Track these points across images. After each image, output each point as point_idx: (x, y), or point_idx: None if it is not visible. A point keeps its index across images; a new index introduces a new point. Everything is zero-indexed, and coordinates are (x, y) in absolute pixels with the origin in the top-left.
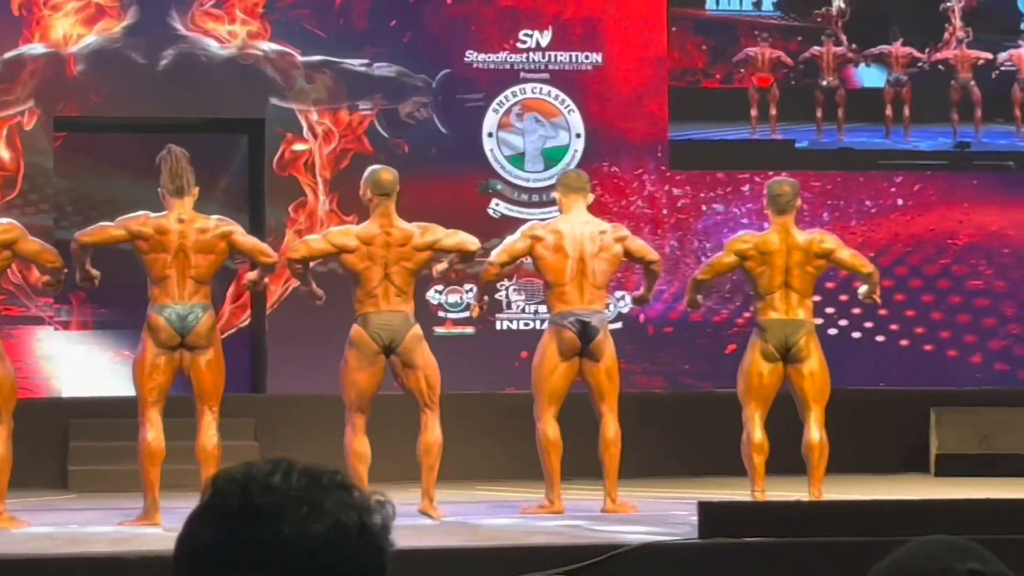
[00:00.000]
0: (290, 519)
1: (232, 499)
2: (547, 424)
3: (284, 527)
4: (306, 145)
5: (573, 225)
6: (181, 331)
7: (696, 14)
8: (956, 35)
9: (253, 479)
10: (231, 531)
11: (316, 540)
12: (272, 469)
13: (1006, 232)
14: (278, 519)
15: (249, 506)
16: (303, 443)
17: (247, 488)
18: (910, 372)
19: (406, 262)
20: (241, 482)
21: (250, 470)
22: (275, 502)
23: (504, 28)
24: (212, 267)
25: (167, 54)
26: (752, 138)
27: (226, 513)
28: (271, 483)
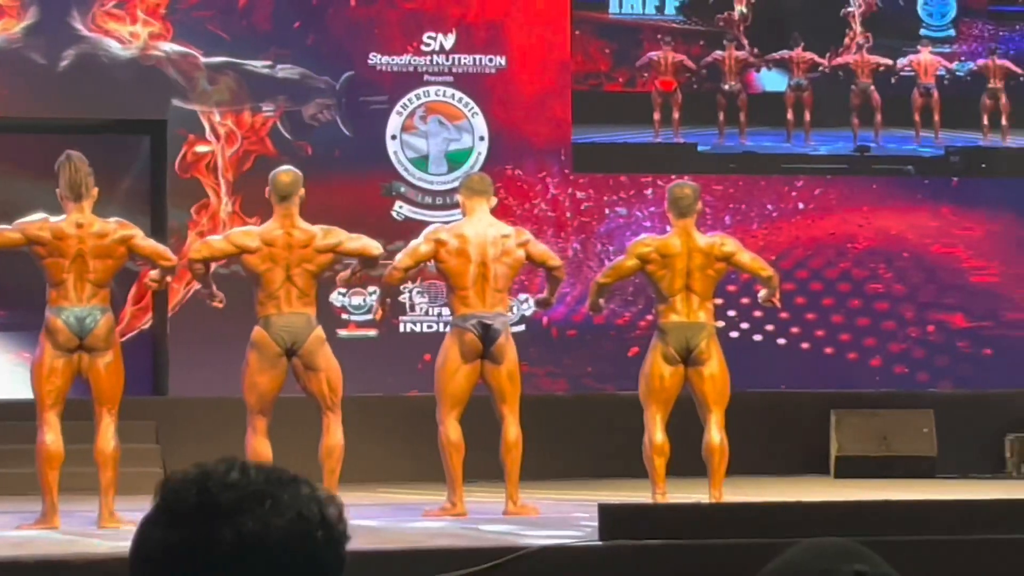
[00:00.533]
0: (252, 514)
1: (190, 498)
2: (449, 426)
3: (247, 522)
4: (208, 147)
5: (476, 228)
6: (79, 334)
7: (599, 17)
8: (856, 40)
9: (210, 477)
10: (191, 530)
11: (279, 534)
12: (228, 467)
13: (905, 236)
14: (239, 515)
15: (208, 504)
16: (205, 446)
17: (205, 486)
18: (811, 375)
19: (308, 264)
20: (198, 480)
21: (205, 468)
22: (235, 498)
23: (408, 31)
24: (111, 271)
25: (68, 54)
26: (655, 141)
27: (185, 512)
28: (229, 480)
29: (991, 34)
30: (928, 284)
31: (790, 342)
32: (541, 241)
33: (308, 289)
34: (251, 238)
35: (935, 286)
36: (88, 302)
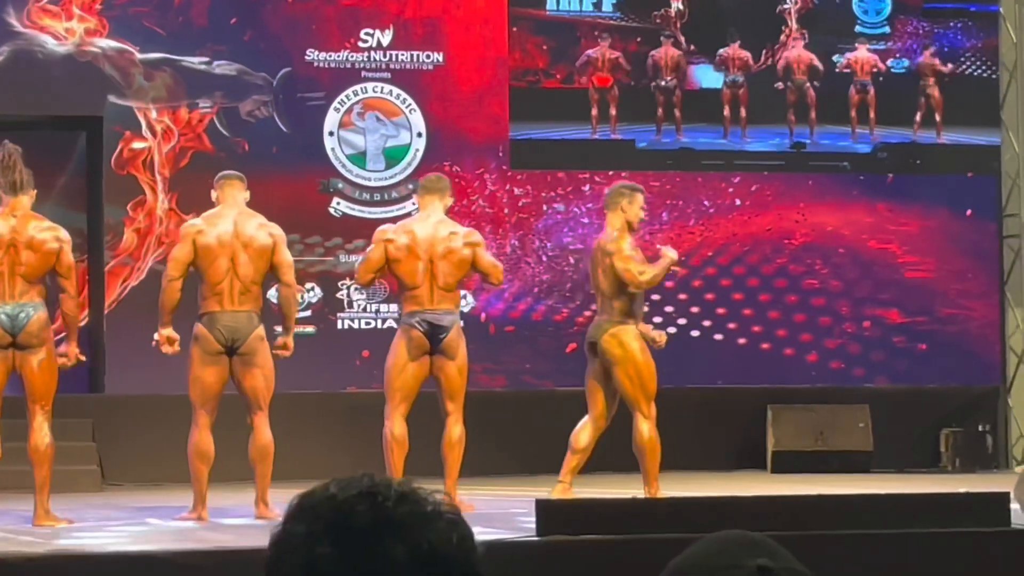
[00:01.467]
0: (428, 530)
1: (364, 512)
2: (395, 423)
3: (423, 539)
4: (145, 143)
5: (425, 227)
6: (11, 330)
7: (537, 14)
8: (792, 37)
9: (379, 491)
10: (365, 547)
11: (450, 550)
12: (386, 480)
13: (841, 232)
14: (415, 532)
15: (385, 519)
16: (142, 443)
17: (377, 499)
18: (747, 370)
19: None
20: (369, 494)
21: (363, 482)
22: (411, 512)
23: (345, 27)
24: (43, 266)
25: (2, 51)
26: (593, 138)
27: (359, 527)
28: (403, 493)
29: (926, 31)
30: (864, 280)
31: (727, 338)
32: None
33: (252, 285)
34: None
35: (871, 282)
36: (20, 298)
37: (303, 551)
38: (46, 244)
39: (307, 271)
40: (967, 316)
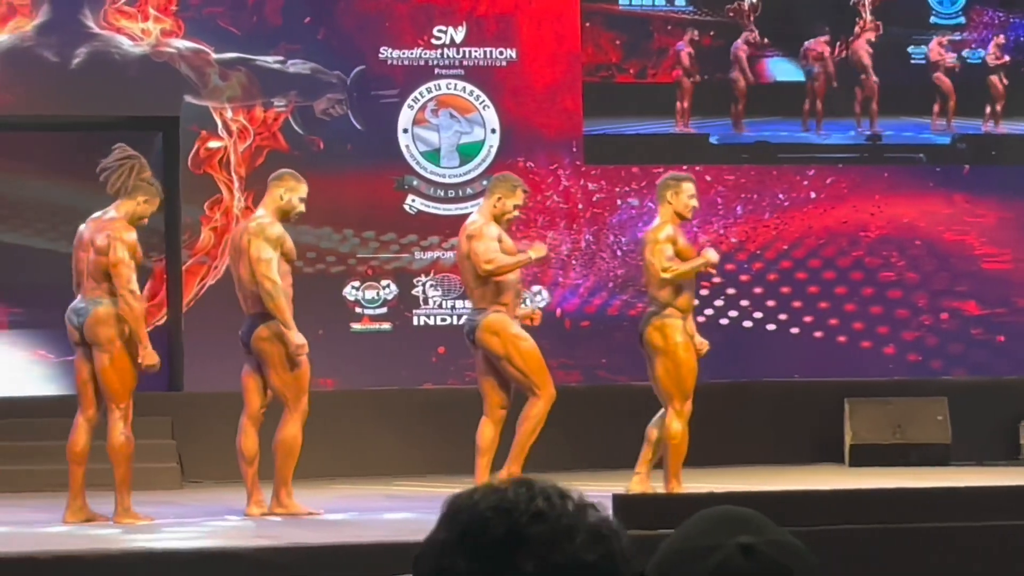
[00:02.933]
0: (561, 549)
1: (497, 529)
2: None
3: (554, 557)
4: (221, 142)
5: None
6: (79, 327)
7: (609, 9)
8: (866, 29)
9: (516, 507)
10: (495, 562)
11: (586, 570)
12: (529, 492)
13: (917, 224)
14: (547, 549)
15: (515, 536)
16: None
17: (512, 517)
18: (824, 363)
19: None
20: (503, 511)
21: (507, 496)
22: (545, 530)
23: (418, 24)
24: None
25: (80, 52)
26: (666, 132)
27: (490, 543)
28: (538, 509)
29: (1001, 21)
30: (941, 272)
31: (803, 331)
32: (555, 232)
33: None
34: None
35: (948, 274)
36: (87, 295)
37: (437, 558)
38: (97, 241)
39: (383, 268)
40: None
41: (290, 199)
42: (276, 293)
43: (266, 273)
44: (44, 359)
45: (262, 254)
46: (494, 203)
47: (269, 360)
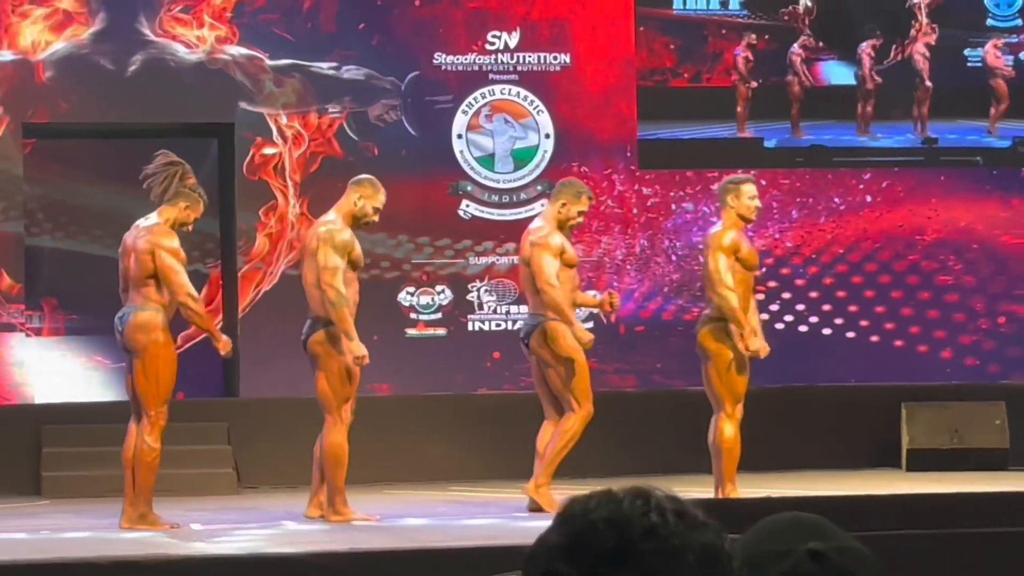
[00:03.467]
0: (668, 567)
1: (607, 540)
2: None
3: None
4: (276, 149)
5: None
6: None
7: (663, 14)
8: (922, 31)
9: (630, 521)
10: (600, 573)
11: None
12: (644, 505)
13: (974, 227)
14: (656, 566)
15: (626, 551)
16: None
17: (624, 532)
18: (881, 368)
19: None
20: (617, 523)
21: (623, 508)
22: (656, 549)
23: (472, 30)
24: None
25: (135, 59)
26: (721, 136)
27: (599, 555)
28: (649, 524)
29: None
30: (998, 275)
31: (859, 336)
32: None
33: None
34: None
35: (1005, 277)
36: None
37: (547, 561)
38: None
39: (437, 273)
40: None
41: (364, 206)
42: (339, 303)
43: (331, 282)
44: (100, 365)
45: (328, 261)
46: (559, 209)
47: (321, 365)
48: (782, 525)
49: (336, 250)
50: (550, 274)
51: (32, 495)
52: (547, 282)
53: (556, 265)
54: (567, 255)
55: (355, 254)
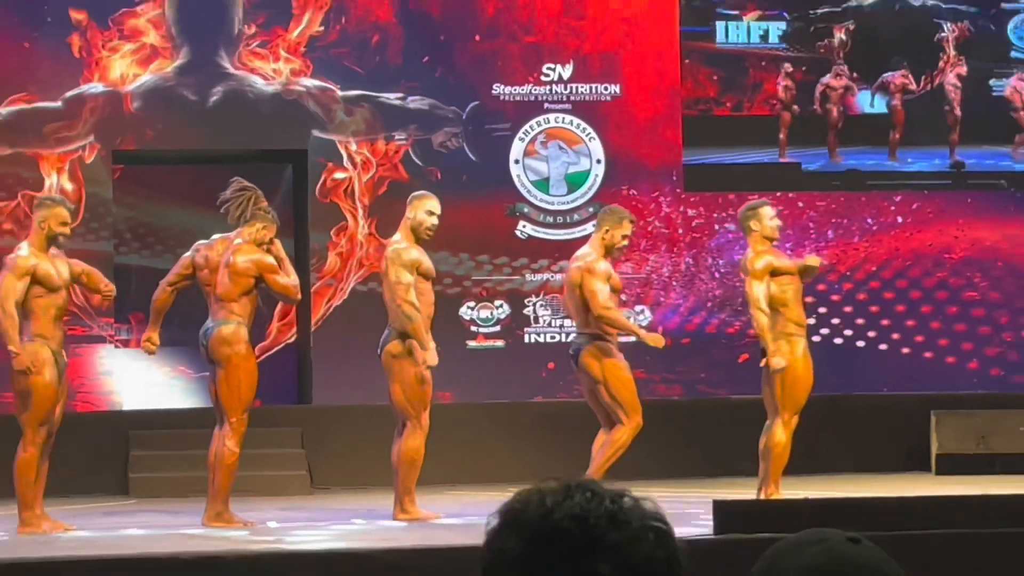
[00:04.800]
0: (635, 550)
1: (577, 537)
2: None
3: (632, 559)
4: (346, 173)
5: None
6: (204, 345)
7: (707, 47)
8: (950, 63)
9: (589, 513)
10: (575, 568)
11: (656, 566)
12: (594, 497)
13: (999, 246)
14: (623, 552)
15: (594, 542)
16: (347, 450)
17: (587, 524)
18: (911, 378)
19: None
20: (579, 518)
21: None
22: (622, 535)
23: (528, 62)
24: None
25: (216, 91)
26: (760, 161)
27: (570, 550)
28: (613, 514)
29: None
30: (1022, 291)
31: (891, 347)
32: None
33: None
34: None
35: None
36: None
37: (520, 567)
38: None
39: (496, 289)
40: None
41: (415, 215)
42: (413, 316)
43: (404, 297)
44: (184, 375)
45: (400, 278)
46: (603, 235)
47: (395, 375)
48: (818, 529)
49: (405, 267)
50: (605, 298)
51: (120, 495)
52: (603, 306)
53: (607, 290)
54: (613, 279)
55: (423, 267)
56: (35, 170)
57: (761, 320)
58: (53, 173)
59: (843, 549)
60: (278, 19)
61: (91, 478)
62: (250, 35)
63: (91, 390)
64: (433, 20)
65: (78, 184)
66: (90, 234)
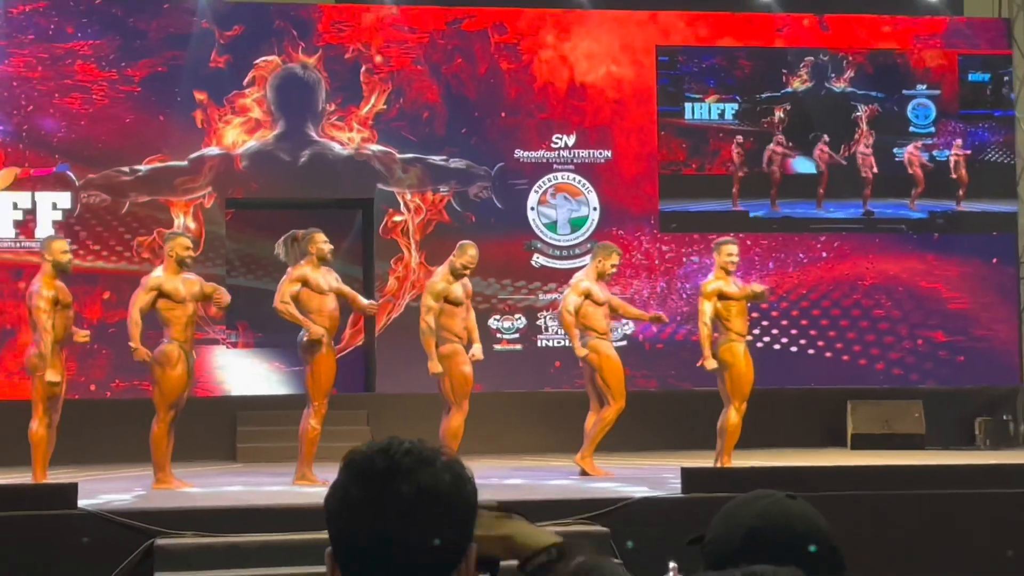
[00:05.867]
0: (426, 472)
1: (380, 462)
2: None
3: (423, 478)
4: (402, 217)
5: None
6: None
7: (678, 122)
8: (863, 135)
9: (391, 447)
10: (381, 486)
11: (445, 486)
12: (400, 441)
13: (900, 276)
14: (416, 474)
15: (393, 466)
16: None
17: (388, 454)
18: (832, 375)
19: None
20: (382, 451)
21: (384, 443)
22: (412, 461)
23: (542, 134)
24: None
25: (304, 153)
26: (718, 210)
27: (376, 472)
28: (409, 448)
29: (961, 130)
30: (917, 310)
31: (817, 352)
32: (637, 280)
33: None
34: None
35: (922, 311)
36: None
37: (341, 493)
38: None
39: (516, 306)
40: (994, 336)
41: (452, 262)
42: (426, 332)
43: (424, 317)
44: (279, 369)
45: (425, 302)
46: (596, 263)
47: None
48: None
49: (431, 296)
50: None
51: (229, 460)
52: (566, 309)
53: (578, 301)
54: (593, 295)
55: (451, 296)
56: (167, 213)
57: (703, 330)
58: (181, 215)
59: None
60: (352, 99)
61: (208, 447)
62: (331, 111)
63: (207, 380)
64: (469, 101)
65: (199, 224)
66: (208, 261)
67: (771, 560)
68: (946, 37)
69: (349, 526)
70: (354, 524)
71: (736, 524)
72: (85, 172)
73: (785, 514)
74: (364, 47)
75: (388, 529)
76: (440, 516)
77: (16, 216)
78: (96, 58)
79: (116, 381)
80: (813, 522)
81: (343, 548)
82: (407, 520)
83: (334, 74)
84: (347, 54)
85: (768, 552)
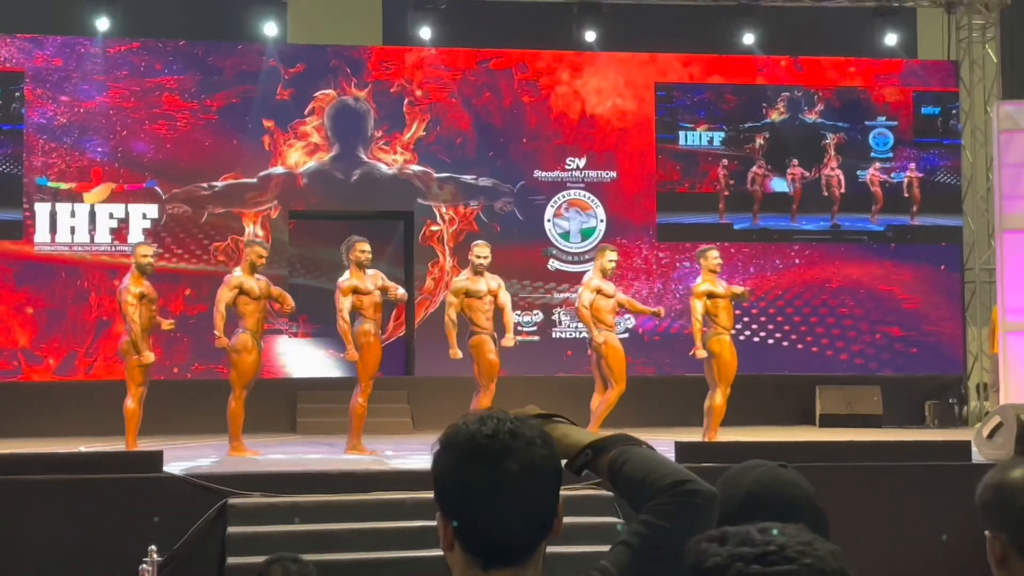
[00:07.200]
0: (532, 451)
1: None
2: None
3: (529, 456)
4: (438, 227)
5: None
6: None
7: (673, 147)
8: (831, 159)
9: (498, 432)
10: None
11: (545, 463)
12: (501, 422)
13: (862, 280)
14: (524, 452)
15: (505, 447)
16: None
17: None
18: (803, 363)
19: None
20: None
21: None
22: (522, 442)
23: (557, 157)
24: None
25: (356, 172)
26: (706, 223)
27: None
28: (514, 430)
29: (915, 155)
30: (877, 309)
31: (790, 344)
32: (637, 282)
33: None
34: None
35: (881, 310)
36: None
37: (455, 473)
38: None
39: (534, 303)
40: (942, 331)
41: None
42: (447, 324)
43: (447, 311)
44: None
45: (448, 299)
46: (597, 264)
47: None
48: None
49: (453, 293)
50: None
51: (290, 432)
52: (581, 305)
53: (591, 297)
54: (603, 291)
55: (471, 291)
56: (239, 222)
57: (695, 325)
58: (251, 224)
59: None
60: (396, 127)
61: (273, 421)
62: (378, 137)
63: (273, 364)
64: (495, 128)
65: (267, 232)
66: (273, 264)
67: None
68: (903, 76)
69: (464, 502)
70: (468, 500)
71: (735, 489)
72: (170, 187)
73: (778, 480)
74: (407, 83)
75: (501, 503)
76: (542, 486)
77: (112, 224)
78: (180, 91)
79: (196, 364)
80: (803, 487)
81: (457, 517)
82: (517, 495)
83: (381, 105)
84: (392, 88)
85: (764, 514)
